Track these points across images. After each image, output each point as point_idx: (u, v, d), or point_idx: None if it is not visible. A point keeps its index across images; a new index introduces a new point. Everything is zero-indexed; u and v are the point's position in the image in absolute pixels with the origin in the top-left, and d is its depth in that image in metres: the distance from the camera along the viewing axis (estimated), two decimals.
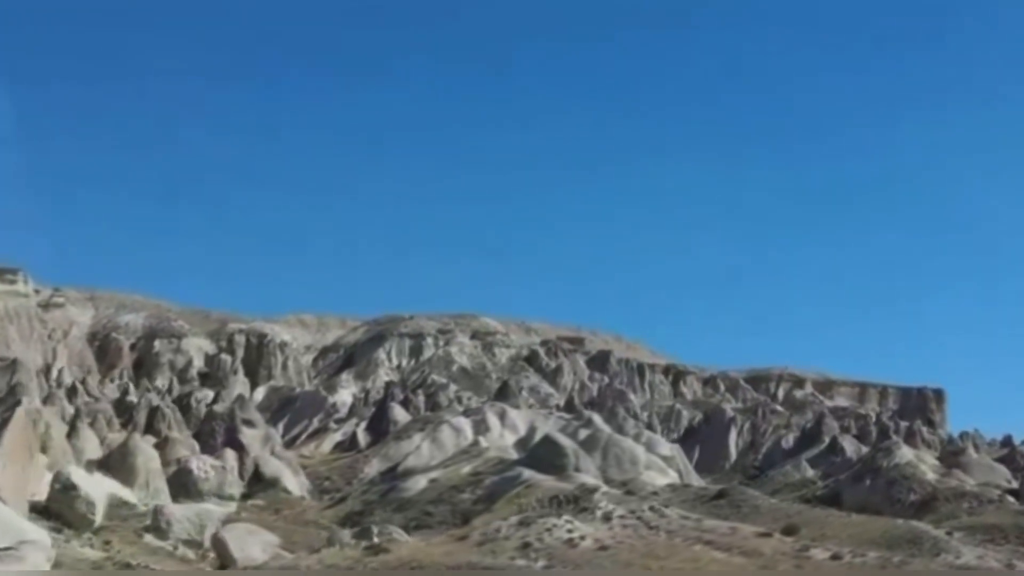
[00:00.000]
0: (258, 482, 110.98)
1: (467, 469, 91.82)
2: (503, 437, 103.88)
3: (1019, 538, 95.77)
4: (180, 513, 66.52)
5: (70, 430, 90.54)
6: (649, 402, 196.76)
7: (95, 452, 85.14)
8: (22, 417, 68.27)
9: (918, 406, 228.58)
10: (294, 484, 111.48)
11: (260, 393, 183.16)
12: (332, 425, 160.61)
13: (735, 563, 56.37)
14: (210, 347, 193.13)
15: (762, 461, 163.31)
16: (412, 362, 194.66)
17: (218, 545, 60.58)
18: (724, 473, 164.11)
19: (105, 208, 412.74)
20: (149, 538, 64.23)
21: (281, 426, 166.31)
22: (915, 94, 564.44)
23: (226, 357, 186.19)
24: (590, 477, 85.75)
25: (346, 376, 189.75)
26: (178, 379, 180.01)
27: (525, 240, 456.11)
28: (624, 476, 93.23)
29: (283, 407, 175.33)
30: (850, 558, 62.66)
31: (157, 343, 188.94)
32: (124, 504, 71.62)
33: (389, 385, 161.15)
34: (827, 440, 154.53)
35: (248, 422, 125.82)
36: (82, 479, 69.56)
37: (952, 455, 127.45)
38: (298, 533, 76.59)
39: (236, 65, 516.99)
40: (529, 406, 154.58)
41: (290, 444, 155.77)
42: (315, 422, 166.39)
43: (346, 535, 60.05)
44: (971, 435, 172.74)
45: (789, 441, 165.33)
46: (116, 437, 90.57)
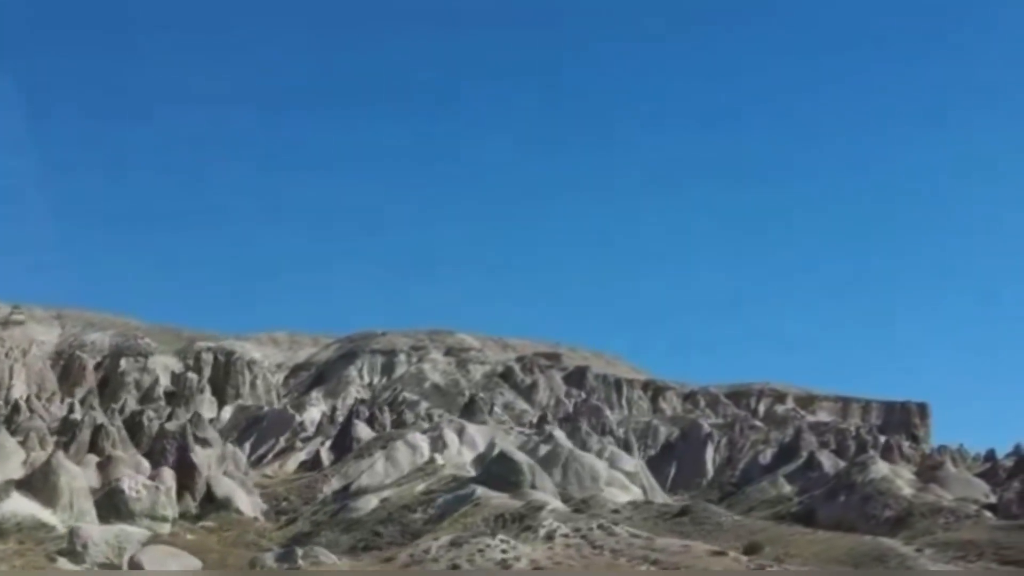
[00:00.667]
0: (210, 503, 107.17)
1: (420, 487, 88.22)
2: (461, 454, 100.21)
3: (995, 554, 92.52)
4: (98, 535, 62.58)
5: None
6: (626, 418, 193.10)
7: (17, 472, 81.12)
8: None
9: (901, 421, 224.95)
10: (247, 505, 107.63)
11: (227, 412, 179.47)
12: (298, 444, 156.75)
13: None
14: (177, 365, 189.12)
15: (739, 477, 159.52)
16: (384, 379, 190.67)
17: (134, 568, 56.75)
18: (701, 489, 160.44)
19: (80, 230, 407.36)
20: (63, 561, 60.25)
21: (248, 445, 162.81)
22: (895, 113, 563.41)
23: (193, 375, 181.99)
24: (546, 494, 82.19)
25: (316, 394, 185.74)
26: (144, 398, 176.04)
27: (505, 257, 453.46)
28: (584, 493, 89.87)
29: (250, 426, 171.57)
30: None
31: (123, 361, 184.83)
32: (42, 526, 67.73)
33: (355, 403, 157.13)
34: (805, 455, 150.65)
35: (203, 441, 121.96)
36: None
37: (930, 469, 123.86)
38: (233, 555, 72.74)
39: (227, 89, 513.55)
40: (501, 423, 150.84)
41: (257, 463, 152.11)
42: (281, 441, 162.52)
43: (269, 558, 56.13)
44: (950, 449, 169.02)
45: (767, 457, 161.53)
46: (40, 456, 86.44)
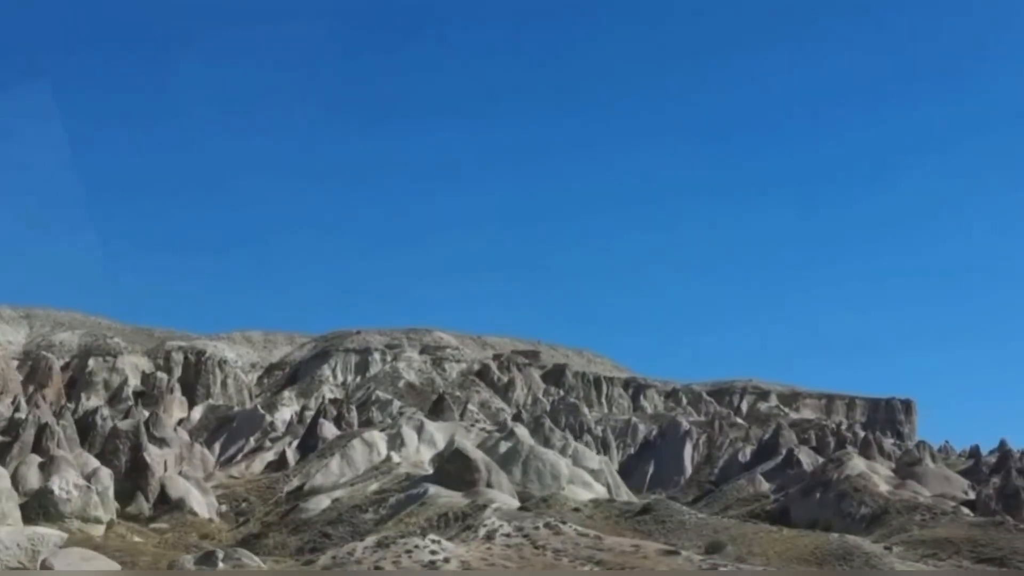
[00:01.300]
0: (163, 503, 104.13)
1: (374, 487, 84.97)
2: (420, 452, 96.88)
3: (972, 552, 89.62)
4: (9, 538, 59.21)
5: None
6: (605, 416, 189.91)
7: None
8: None
9: (887, 418, 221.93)
10: (203, 506, 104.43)
11: (198, 412, 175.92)
12: (267, 444, 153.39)
13: None
14: (147, 365, 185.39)
15: (718, 475, 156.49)
16: (358, 378, 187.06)
17: (44, 572, 53.38)
18: (679, 487, 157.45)
19: (53, 226, 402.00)
20: None
21: (218, 445, 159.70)
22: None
23: (162, 375, 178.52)
24: (502, 493, 79.02)
25: (288, 394, 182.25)
26: (112, 398, 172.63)
27: (488, 256, 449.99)
28: (545, 491, 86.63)
29: (221, 426, 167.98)
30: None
31: (91, 361, 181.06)
32: None
33: (323, 402, 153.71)
34: (784, 453, 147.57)
35: (161, 441, 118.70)
36: None
37: (908, 466, 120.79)
38: (168, 559, 69.31)
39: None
40: (475, 422, 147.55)
41: (227, 464, 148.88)
42: (251, 441, 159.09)
43: (188, 561, 52.79)
44: (929, 445, 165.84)
45: (746, 454, 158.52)
46: None
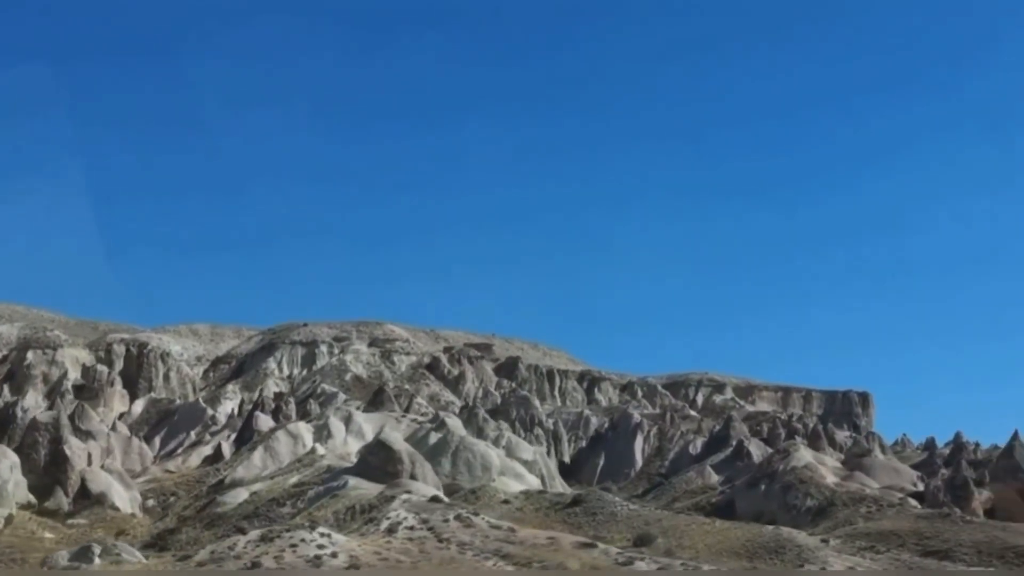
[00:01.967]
0: (84, 498, 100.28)
1: (294, 479, 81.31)
2: (347, 444, 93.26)
3: (918, 544, 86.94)
4: None
5: None
6: (558, 409, 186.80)
7: None
8: None
9: (843, 410, 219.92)
10: (124, 500, 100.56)
11: (139, 405, 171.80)
12: (207, 438, 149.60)
13: None
14: (88, 358, 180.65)
15: (668, 467, 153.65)
16: (304, 371, 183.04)
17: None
18: (630, 480, 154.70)
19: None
20: None
21: (158, 439, 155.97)
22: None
23: (103, 368, 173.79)
24: (427, 484, 75.72)
25: (232, 387, 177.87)
26: (51, 391, 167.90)
27: (450, 250, 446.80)
28: (475, 482, 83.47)
29: (162, 420, 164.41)
30: (682, 571, 52.75)
31: (30, 354, 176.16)
32: None
33: (260, 395, 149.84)
34: (734, 444, 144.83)
35: (86, 434, 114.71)
36: None
37: (856, 457, 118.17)
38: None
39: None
40: (423, 415, 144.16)
41: (167, 457, 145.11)
42: (192, 435, 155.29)
43: (63, 557, 49.11)
44: (878, 437, 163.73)
45: (697, 447, 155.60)
46: None
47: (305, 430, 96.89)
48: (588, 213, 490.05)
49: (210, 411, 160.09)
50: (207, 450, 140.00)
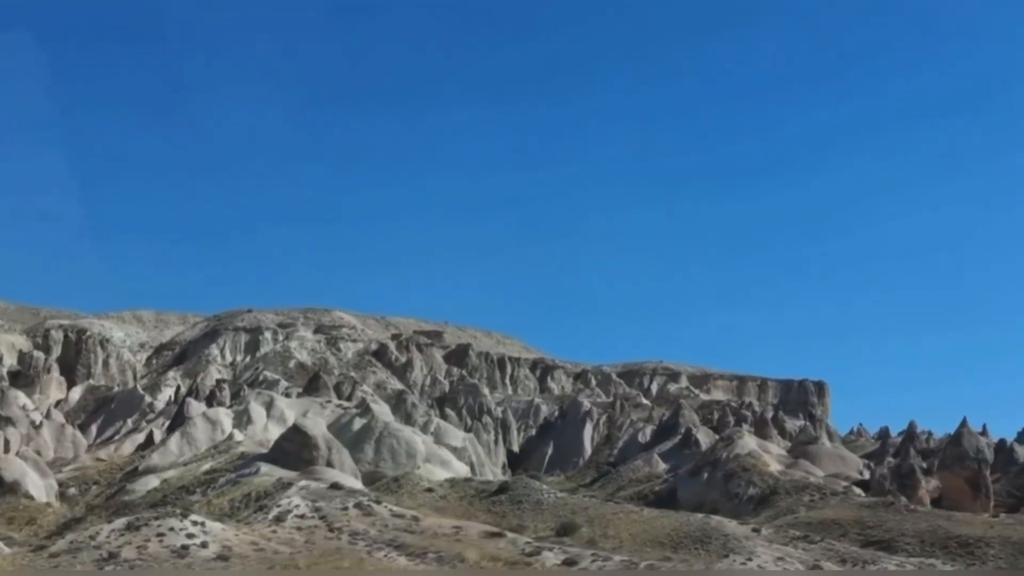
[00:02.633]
0: None
1: (207, 466, 77.51)
2: (267, 430, 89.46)
3: (860, 534, 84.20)
4: None
5: None
6: (508, 397, 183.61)
7: None
8: None
9: (799, 399, 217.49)
10: (40, 489, 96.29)
11: (77, 392, 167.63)
12: (143, 426, 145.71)
13: (414, 572, 42.91)
14: (25, 344, 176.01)
15: (617, 456, 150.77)
16: (247, 358, 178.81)
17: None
18: (578, 469, 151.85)
19: None
20: None
21: (95, 427, 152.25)
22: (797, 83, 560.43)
23: (40, 354, 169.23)
24: (344, 472, 72.24)
25: (173, 374, 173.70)
26: None
27: (406, 237, 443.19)
28: (399, 469, 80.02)
29: (99, 407, 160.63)
30: (590, 562, 49.45)
31: None
32: None
33: (194, 382, 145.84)
34: (682, 432, 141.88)
35: (6, 420, 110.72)
36: None
37: (802, 445, 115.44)
38: None
39: None
40: (363, 401, 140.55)
41: (104, 445, 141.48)
42: (129, 423, 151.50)
43: None
44: (826, 424, 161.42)
45: (646, 435, 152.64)
46: None
47: (225, 416, 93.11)
48: (547, 201, 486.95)
49: (148, 398, 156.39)
50: (140, 438, 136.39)
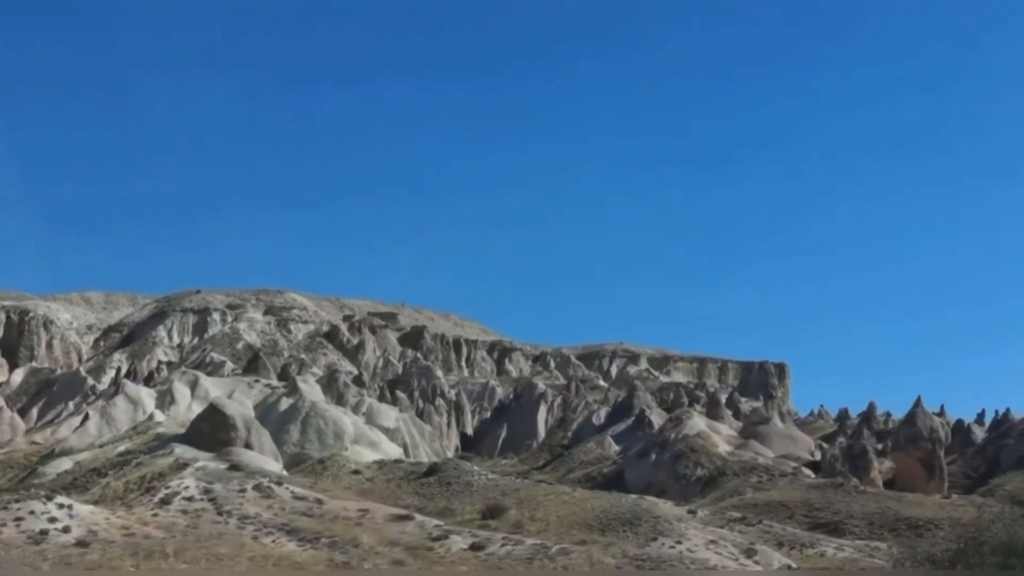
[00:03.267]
0: None
1: (122, 448, 73.91)
2: (191, 410, 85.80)
3: (807, 516, 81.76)
4: None
5: None
6: (463, 379, 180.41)
7: None
8: None
9: (760, 381, 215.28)
10: None
11: (19, 374, 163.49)
12: (85, 408, 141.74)
13: (299, 559, 39.62)
14: None
15: (571, 438, 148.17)
16: (195, 339, 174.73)
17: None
18: (531, 452, 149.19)
19: None
20: None
21: (35, 410, 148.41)
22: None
23: None
24: (263, 453, 68.88)
25: (119, 356, 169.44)
26: None
27: (354, 215, 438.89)
28: (326, 451, 76.65)
29: (41, 390, 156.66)
30: (499, 547, 46.29)
31: None
32: None
33: (132, 364, 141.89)
34: (636, 414, 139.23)
35: None
36: None
37: (753, 425, 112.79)
38: None
39: None
40: (316, 382, 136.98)
41: (43, 429, 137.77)
42: (71, 406, 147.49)
43: None
44: (778, 404, 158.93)
45: (600, 417, 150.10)
46: None
47: (147, 395, 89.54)
48: (507, 182, 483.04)
49: (91, 381, 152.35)
50: (77, 421, 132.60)
